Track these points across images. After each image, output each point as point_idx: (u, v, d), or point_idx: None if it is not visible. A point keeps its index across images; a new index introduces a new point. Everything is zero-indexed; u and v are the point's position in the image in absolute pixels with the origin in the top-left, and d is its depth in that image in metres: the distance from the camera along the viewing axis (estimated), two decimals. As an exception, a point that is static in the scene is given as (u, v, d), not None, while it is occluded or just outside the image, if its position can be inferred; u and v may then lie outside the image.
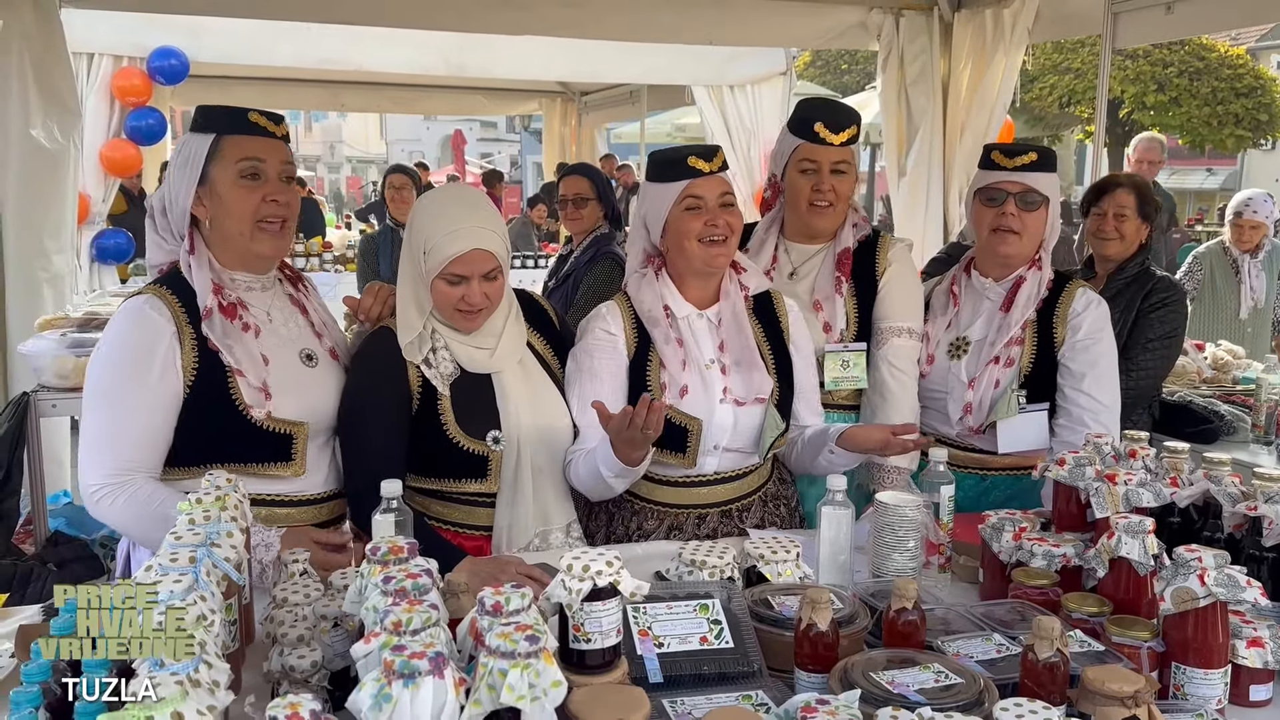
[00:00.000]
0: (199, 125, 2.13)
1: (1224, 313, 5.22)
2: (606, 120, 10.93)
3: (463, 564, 1.97)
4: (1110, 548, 1.70)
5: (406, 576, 1.36)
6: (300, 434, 2.13)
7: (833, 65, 19.61)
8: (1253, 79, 14.67)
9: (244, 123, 2.11)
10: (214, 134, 2.10)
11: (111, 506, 2.03)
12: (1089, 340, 2.52)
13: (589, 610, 1.35)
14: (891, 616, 1.56)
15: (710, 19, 5.70)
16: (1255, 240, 5.19)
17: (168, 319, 2.06)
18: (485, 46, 7.43)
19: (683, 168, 2.30)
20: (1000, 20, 5.49)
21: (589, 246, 4.02)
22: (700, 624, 1.57)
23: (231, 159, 2.08)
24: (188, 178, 2.10)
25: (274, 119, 2.15)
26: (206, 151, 2.08)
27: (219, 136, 2.09)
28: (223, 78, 8.47)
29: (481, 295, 2.19)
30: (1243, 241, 5.21)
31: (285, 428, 2.11)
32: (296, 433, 2.12)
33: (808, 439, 2.41)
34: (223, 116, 2.12)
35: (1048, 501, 2.38)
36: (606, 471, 2.18)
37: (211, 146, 2.09)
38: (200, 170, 2.09)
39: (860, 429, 2.30)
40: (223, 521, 1.61)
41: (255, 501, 1.97)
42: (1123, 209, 3.38)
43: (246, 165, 2.08)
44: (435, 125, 31.95)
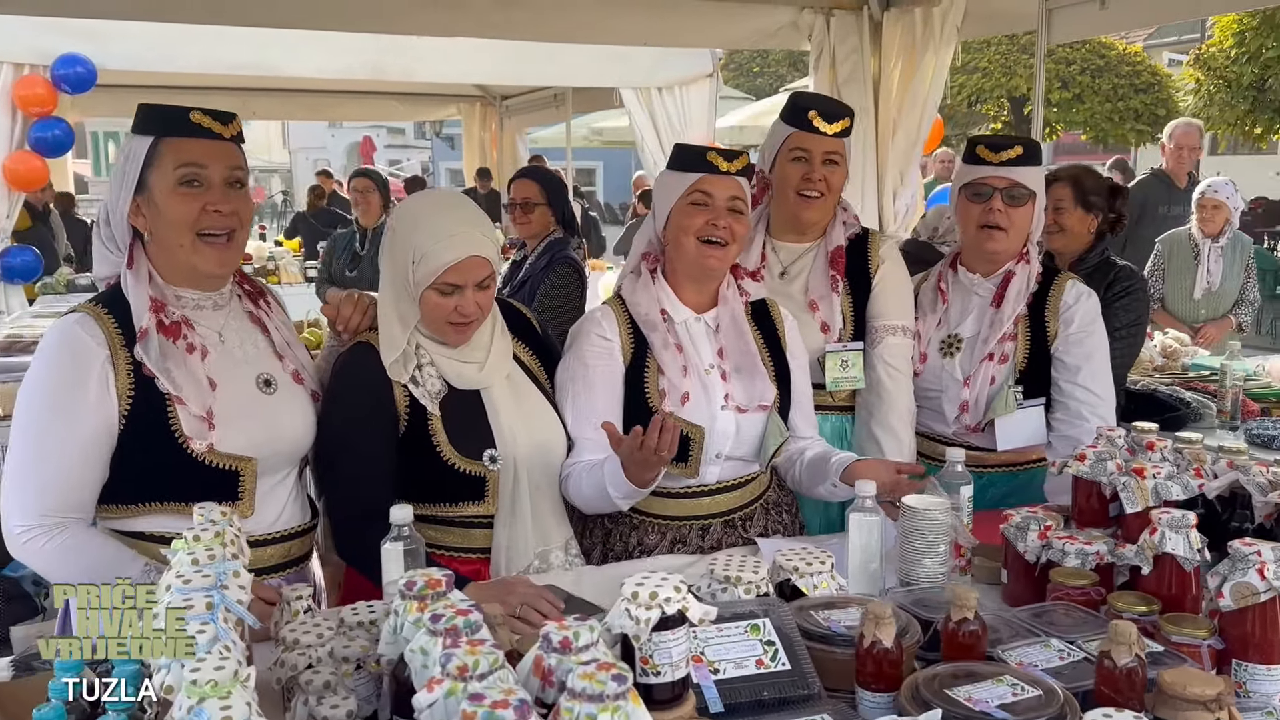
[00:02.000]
0: (138, 126, 1.91)
1: (1179, 293, 5.39)
2: (529, 124, 10.77)
3: (466, 591, 1.84)
4: (1154, 544, 1.67)
5: (456, 614, 1.24)
6: (248, 470, 1.92)
7: (745, 68, 19.77)
8: (1150, 75, 15.22)
9: (185, 123, 1.89)
10: (152, 136, 1.88)
11: (39, 551, 1.84)
12: (1082, 333, 2.51)
13: (658, 641, 1.26)
14: (952, 628, 1.49)
15: (644, 20, 5.64)
16: (1218, 222, 5.34)
17: (100, 341, 1.86)
18: (406, 50, 7.24)
19: (700, 160, 2.21)
20: (929, 18, 5.52)
21: (544, 251, 3.90)
22: (754, 646, 1.48)
23: (170, 164, 1.87)
24: (125, 185, 1.90)
25: (222, 118, 1.93)
26: (144, 156, 1.88)
27: (158, 139, 1.88)
28: (129, 86, 8.12)
29: (475, 305, 2.07)
30: (1206, 223, 5.36)
31: (230, 463, 1.90)
32: (243, 469, 1.92)
33: (808, 462, 2.33)
34: (162, 117, 1.90)
35: (1052, 496, 2.37)
36: (615, 493, 2.08)
37: (149, 150, 1.88)
38: (137, 176, 1.89)
39: (865, 465, 2.19)
40: (227, 560, 1.47)
41: None
42: (1059, 202, 3.39)
43: (185, 171, 1.87)
44: (341, 132, 31.28)
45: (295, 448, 2.06)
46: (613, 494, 2.09)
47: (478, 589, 1.86)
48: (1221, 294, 5.41)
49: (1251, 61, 11.47)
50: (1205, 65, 12.09)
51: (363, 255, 5.93)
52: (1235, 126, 12.00)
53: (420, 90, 9.93)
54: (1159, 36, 21.36)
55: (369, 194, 5.87)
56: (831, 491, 2.24)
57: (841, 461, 2.22)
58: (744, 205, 2.23)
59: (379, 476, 2.08)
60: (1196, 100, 12.23)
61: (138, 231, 1.94)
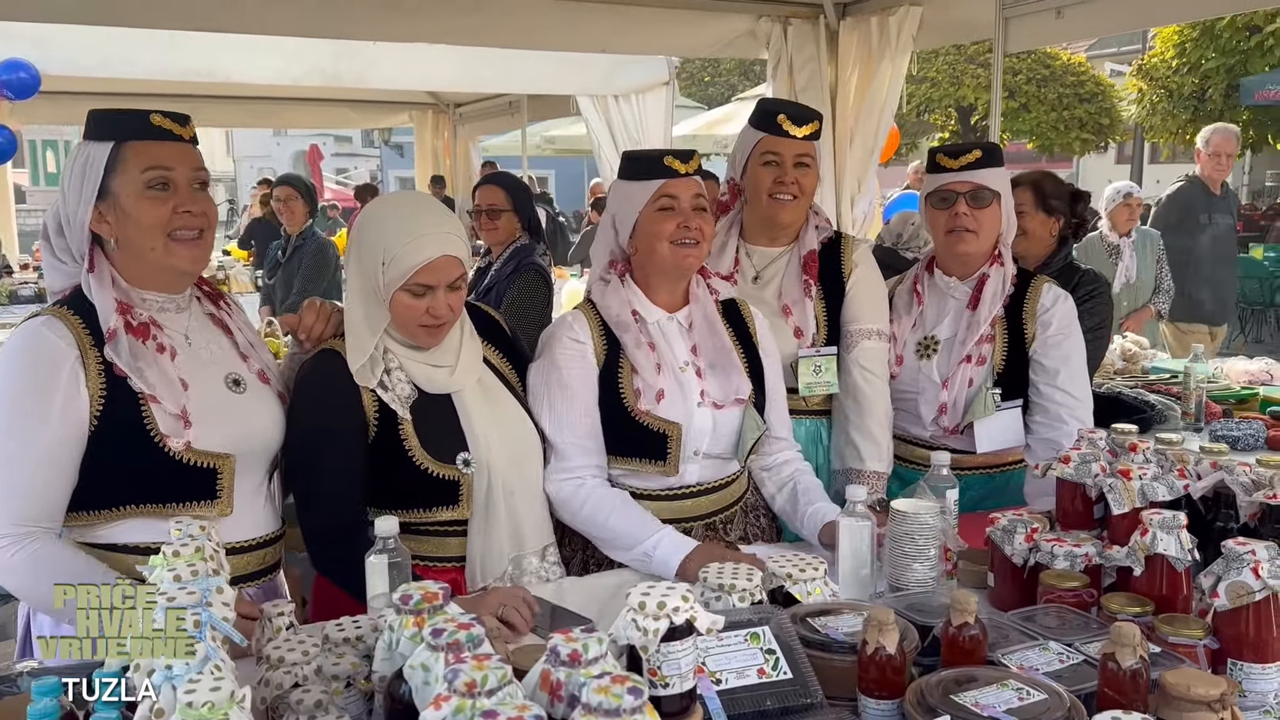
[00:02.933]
0: (94, 132, 1.86)
1: None
2: (482, 131, 10.71)
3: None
4: (1145, 545, 1.67)
5: (458, 628, 1.20)
6: (226, 467, 1.88)
7: (697, 78, 19.84)
8: (1094, 85, 15.53)
9: (147, 127, 1.85)
10: (113, 141, 1.84)
11: (6, 564, 1.77)
12: (1060, 336, 2.52)
13: (666, 652, 1.22)
14: (953, 632, 1.48)
15: (603, 27, 5.63)
16: (1133, 217, 5.88)
17: (69, 342, 1.80)
18: (360, 56, 7.17)
19: (658, 166, 2.20)
20: (885, 27, 5.57)
21: (510, 258, 3.85)
22: (755, 655, 1.45)
23: (136, 168, 1.83)
24: (85, 192, 1.84)
25: (179, 120, 1.89)
26: (105, 161, 1.83)
27: (119, 144, 1.83)
28: (70, 93, 7.93)
29: (447, 307, 2.02)
30: (1124, 222, 5.85)
31: (208, 460, 1.86)
32: (221, 466, 1.88)
33: (788, 496, 2.34)
34: (122, 121, 1.86)
35: (1032, 499, 2.38)
36: (648, 560, 2.09)
37: (111, 155, 1.83)
38: (99, 182, 1.83)
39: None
40: (209, 575, 1.41)
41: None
42: (1020, 206, 3.40)
43: (154, 175, 1.83)
44: (286, 140, 30.87)
45: (267, 446, 2.01)
46: (645, 560, 2.10)
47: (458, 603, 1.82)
48: (1139, 285, 5.83)
49: (1192, 72, 11.77)
50: (1147, 75, 12.37)
51: (282, 263, 5.82)
52: (1176, 135, 12.29)
53: (372, 97, 9.83)
54: (1100, 47, 21.81)
55: (291, 202, 5.70)
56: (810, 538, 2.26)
57: (815, 517, 2.23)
58: (706, 202, 2.23)
59: (351, 487, 2.04)
60: (1139, 110, 12.51)
61: (96, 238, 1.88)
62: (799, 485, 2.33)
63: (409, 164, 14.47)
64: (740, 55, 6.19)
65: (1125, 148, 20.29)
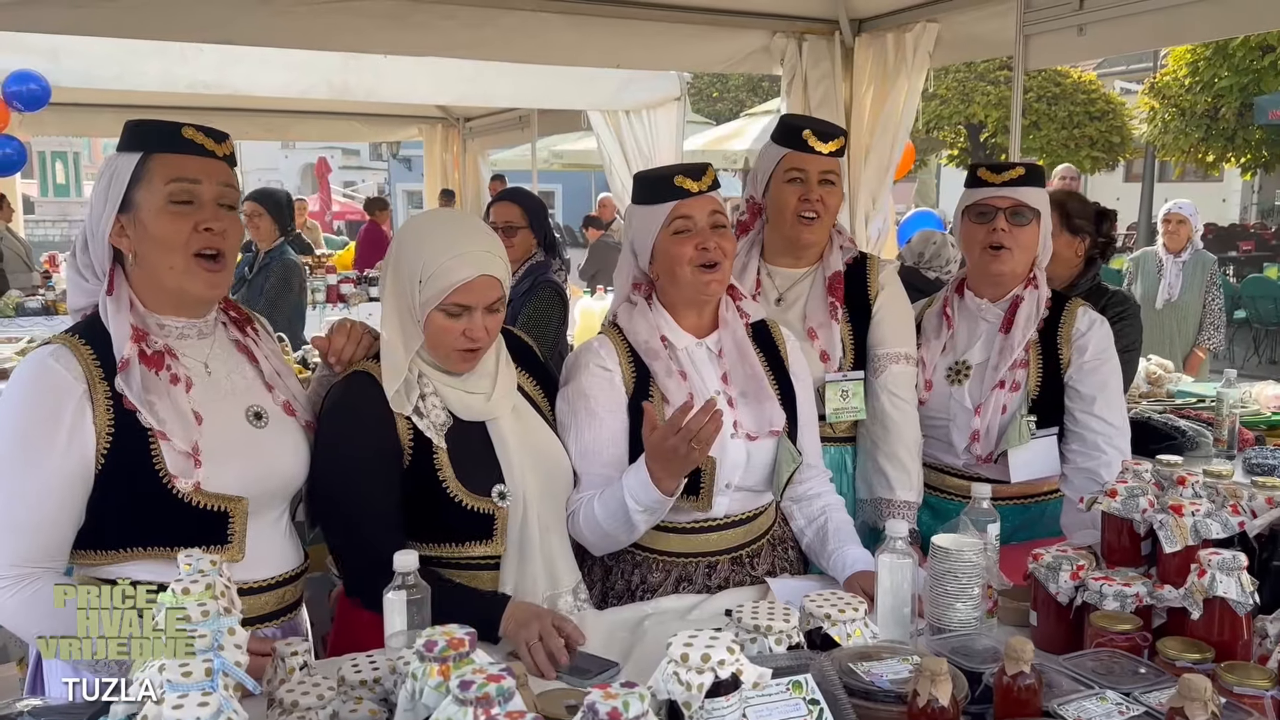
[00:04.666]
0: (125, 143, 1.80)
1: (1144, 304, 5.75)
2: (491, 146, 10.67)
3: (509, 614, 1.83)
4: (1203, 587, 1.59)
5: (487, 680, 1.12)
6: (237, 511, 1.78)
7: (705, 93, 19.82)
8: (1104, 103, 15.46)
9: (177, 139, 1.78)
10: (141, 152, 1.77)
11: (6, 605, 1.69)
12: (1096, 361, 2.44)
13: (711, 708, 1.14)
14: (1007, 681, 1.40)
15: (615, 42, 5.59)
16: (1182, 236, 5.93)
17: (77, 375, 1.71)
18: (370, 69, 7.13)
19: (669, 188, 2.12)
20: (901, 44, 5.53)
21: (525, 275, 3.78)
22: (797, 706, 1.37)
23: (160, 180, 1.75)
24: (108, 203, 1.77)
25: (215, 136, 1.83)
26: (131, 172, 1.76)
27: (147, 155, 1.77)
28: (79, 105, 7.90)
29: (484, 330, 1.94)
30: (1171, 236, 5.94)
31: (218, 504, 1.76)
32: (233, 510, 1.77)
33: (816, 533, 2.25)
34: (152, 132, 1.79)
35: (1069, 531, 2.30)
36: (635, 505, 1.96)
37: (137, 167, 1.76)
38: (122, 194, 1.76)
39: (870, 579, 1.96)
40: (219, 615, 1.34)
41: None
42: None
43: (178, 188, 1.75)
44: (294, 153, 30.87)
45: (288, 484, 1.92)
46: (632, 506, 1.97)
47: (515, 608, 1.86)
48: (1182, 306, 5.89)
49: (1205, 90, 11.70)
50: (1160, 94, 12.30)
51: (249, 279, 5.57)
52: (1188, 154, 12.21)
53: (381, 110, 9.80)
54: (1109, 65, 21.78)
55: (256, 218, 5.41)
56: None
57: (844, 561, 2.14)
58: (724, 219, 2.15)
59: (391, 518, 1.94)
60: (1151, 128, 12.44)
61: (118, 256, 1.81)
62: (829, 524, 2.24)
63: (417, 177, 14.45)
64: (754, 71, 6.13)
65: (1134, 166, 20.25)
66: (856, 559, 2.12)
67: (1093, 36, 4.52)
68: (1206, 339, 5.90)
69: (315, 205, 15.80)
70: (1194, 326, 5.93)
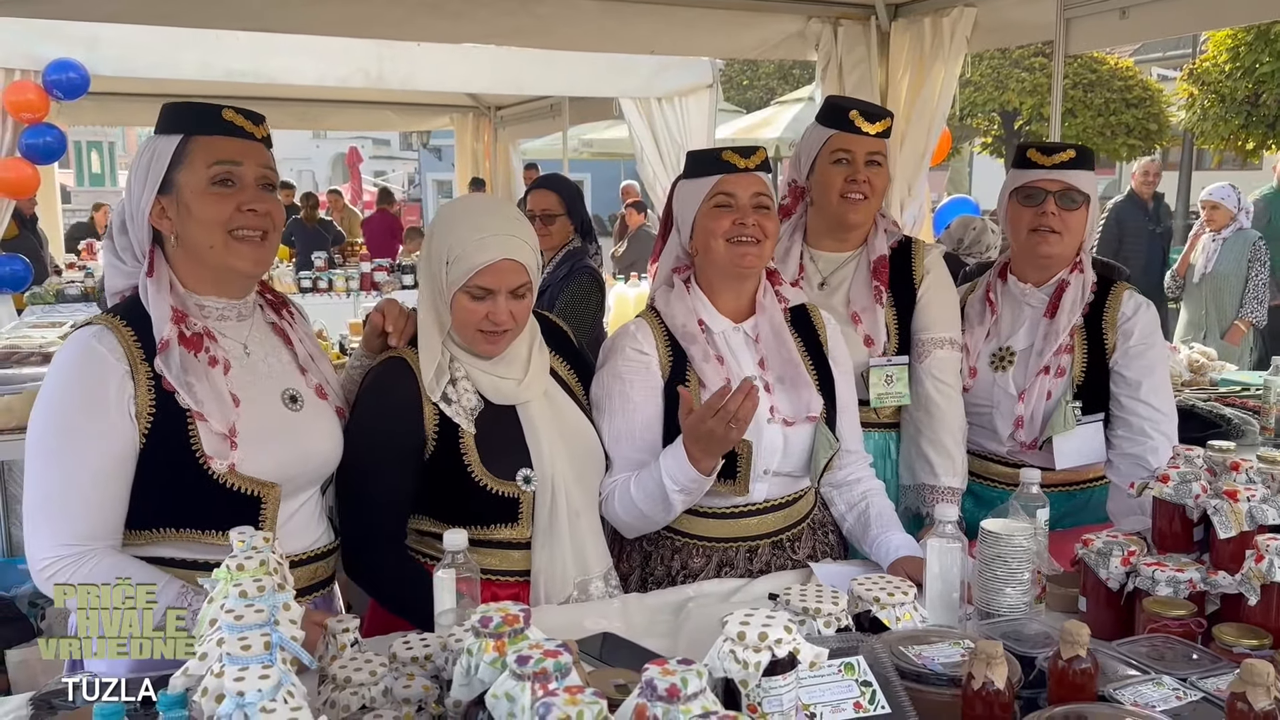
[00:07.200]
0: (164, 126, 1.82)
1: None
2: (523, 135, 10.68)
3: None
4: (1261, 572, 1.57)
5: (544, 655, 1.12)
6: (270, 497, 1.79)
7: (735, 81, 19.71)
8: (1141, 90, 15.22)
9: (217, 121, 1.80)
10: (181, 134, 1.79)
11: (68, 583, 1.67)
12: (1143, 345, 2.41)
13: (768, 687, 1.14)
14: (1063, 666, 1.38)
15: (649, 29, 5.56)
16: (1219, 220, 6.22)
17: (119, 355, 1.73)
18: (404, 58, 7.16)
19: (716, 162, 2.12)
20: (939, 29, 5.45)
21: (562, 262, 3.79)
22: (850, 687, 1.37)
23: (202, 162, 1.77)
24: (149, 185, 1.78)
25: (253, 118, 1.84)
26: (171, 154, 1.77)
27: (187, 137, 1.78)
28: (115, 94, 7.98)
29: (508, 314, 1.95)
30: (1209, 221, 6.28)
31: (252, 488, 1.77)
32: (266, 495, 1.79)
33: (858, 519, 2.25)
34: (192, 114, 1.81)
35: (1116, 518, 2.27)
36: (672, 485, 1.97)
37: (178, 148, 1.78)
38: (163, 175, 1.78)
39: (915, 564, 1.99)
40: (274, 591, 1.34)
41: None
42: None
43: (219, 170, 1.77)
44: (325, 143, 31.02)
45: (322, 468, 1.95)
46: (669, 486, 1.98)
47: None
48: (1218, 278, 6.13)
49: (1246, 77, 11.48)
50: (1199, 80, 12.10)
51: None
52: (1228, 141, 12.01)
53: (412, 100, 9.83)
54: (1146, 51, 21.45)
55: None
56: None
57: (887, 547, 2.13)
58: (769, 200, 2.13)
59: (395, 500, 2.00)
60: (1190, 115, 12.24)
61: (158, 237, 1.83)
62: (871, 509, 2.23)
63: (447, 167, 14.48)
64: (789, 56, 6.08)
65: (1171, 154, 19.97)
66: (900, 544, 2.11)
67: (1135, 20, 4.45)
68: (1249, 312, 6.07)
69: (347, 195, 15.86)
70: (1231, 299, 6.12)
